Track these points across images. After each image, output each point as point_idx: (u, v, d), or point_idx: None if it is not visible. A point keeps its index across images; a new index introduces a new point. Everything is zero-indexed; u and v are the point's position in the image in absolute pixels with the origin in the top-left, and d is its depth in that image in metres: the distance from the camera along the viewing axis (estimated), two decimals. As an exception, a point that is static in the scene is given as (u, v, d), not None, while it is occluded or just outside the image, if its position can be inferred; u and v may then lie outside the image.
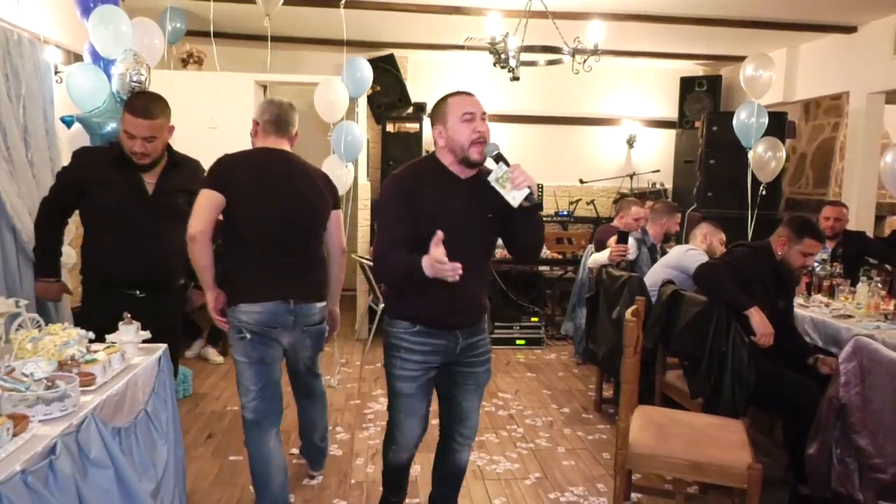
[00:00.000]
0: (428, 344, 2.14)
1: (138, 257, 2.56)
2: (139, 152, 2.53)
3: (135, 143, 2.51)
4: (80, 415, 1.66)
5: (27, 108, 3.56)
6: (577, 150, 7.22)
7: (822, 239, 3.00)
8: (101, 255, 2.61)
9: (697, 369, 2.89)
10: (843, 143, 5.81)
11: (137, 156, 2.54)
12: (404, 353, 2.15)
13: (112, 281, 2.58)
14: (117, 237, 2.56)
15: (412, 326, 2.13)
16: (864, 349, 2.32)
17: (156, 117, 2.52)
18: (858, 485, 2.31)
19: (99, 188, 2.57)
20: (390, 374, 2.21)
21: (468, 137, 2.04)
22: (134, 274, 2.58)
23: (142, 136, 2.51)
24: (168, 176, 2.66)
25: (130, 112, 2.51)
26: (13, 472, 1.37)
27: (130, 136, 2.51)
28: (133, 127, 2.50)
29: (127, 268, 2.57)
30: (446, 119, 2.08)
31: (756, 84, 4.71)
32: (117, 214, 2.56)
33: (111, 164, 2.57)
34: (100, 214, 2.60)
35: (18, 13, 3.63)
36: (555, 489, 3.02)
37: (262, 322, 2.38)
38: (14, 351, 1.87)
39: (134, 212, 2.57)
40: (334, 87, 4.44)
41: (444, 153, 2.13)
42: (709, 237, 3.77)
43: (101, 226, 2.60)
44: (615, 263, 3.98)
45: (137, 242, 2.56)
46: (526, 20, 4.22)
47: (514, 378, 4.68)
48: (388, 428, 2.34)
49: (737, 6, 4.83)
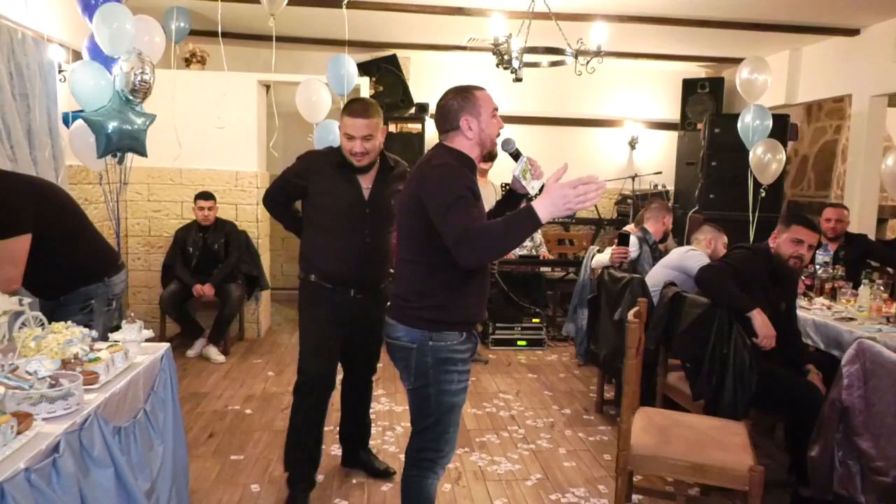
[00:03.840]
0: (469, 350, 2.11)
1: (356, 258, 2.69)
2: (359, 152, 2.61)
3: (354, 144, 2.60)
4: (83, 413, 1.67)
5: (31, 107, 3.56)
6: (579, 152, 7.21)
7: (811, 226, 2.99)
8: (321, 255, 2.73)
9: (699, 371, 2.89)
10: (845, 146, 5.80)
11: (357, 156, 2.62)
12: (461, 365, 2.06)
13: (330, 280, 2.72)
14: (336, 238, 2.70)
15: (461, 335, 2.05)
16: (867, 352, 2.32)
17: (372, 116, 2.61)
18: (860, 487, 2.31)
19: (322, 191, 2.71)
20: (446, 392, 2.05)
21: (496, 134, 2.08)
22: (349, 274, 2.70)
23: (361, 136, 2.59)
24: (382, 179, 2.75)
25: (349, 114, 2.60)
26: (17, 469, 1.37)
27: (350, 138, 2.60)
28: (353, 128, 2.59)
29: (344, 268, 2.69)
30: (479, 112, 2.03)
31: (752, 87, 4.72)
32: (336, 216, 2.70)
33: (333, 169, 2.69)
34: (321, 216, 2.73)
35: (24, 12, 3.63)
36: (556, 490, 3.02)
37: None
38: (17, 349, 1.88)
39: (352, 214, 2.69)
40: (315, 87, 4.42)
41: (471, 147, 2.06)
42: (713, 241, 3.78)
43: (323, 226, 2.73)
44: (617, 265, 3.98)
45: (354, 244, 2.68)
46: (529, 21, 4.21)
47: (516, 379, 4.67)
48: (430, 454, 2.12)
49: (739, 8, 4.83)
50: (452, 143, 2.06)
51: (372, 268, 2.74)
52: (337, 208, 2.68)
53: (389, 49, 6.42)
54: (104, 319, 2.61)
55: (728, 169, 5.63)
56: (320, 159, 2.76)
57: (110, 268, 2.70)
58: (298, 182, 2.75)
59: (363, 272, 2.71)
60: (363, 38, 5.92)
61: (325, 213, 2.70)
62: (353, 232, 2.67)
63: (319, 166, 2.71)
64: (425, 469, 2.14)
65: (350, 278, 2.70)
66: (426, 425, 2.10)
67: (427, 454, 2.12)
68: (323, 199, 2.70)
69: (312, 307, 2.77)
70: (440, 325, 2.02)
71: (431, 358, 2.02)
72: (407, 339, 2.05)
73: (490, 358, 5.16)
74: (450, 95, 2.08)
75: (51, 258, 2.45)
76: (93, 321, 2.48)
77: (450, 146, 2.07)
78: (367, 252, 2.69)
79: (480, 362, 4.99)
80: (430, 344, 2.02)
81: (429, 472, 2.14)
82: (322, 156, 2.80)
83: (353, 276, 2.70)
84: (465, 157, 2.05)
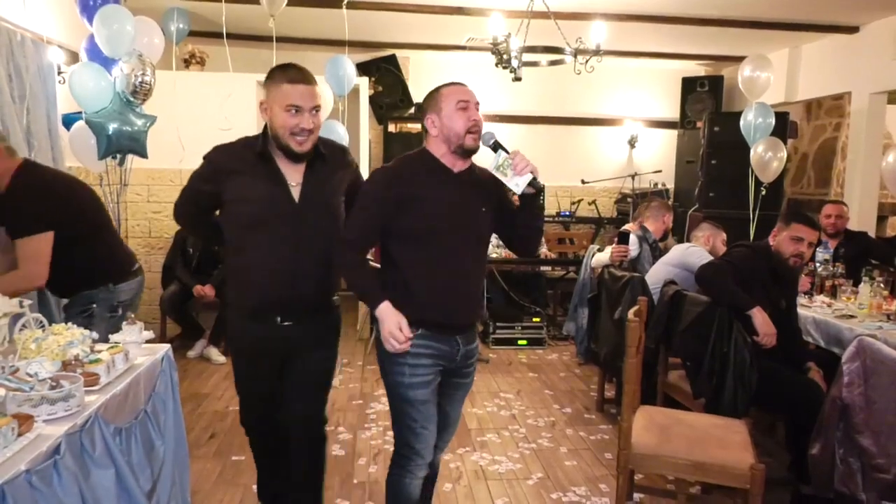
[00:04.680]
0: (432, 347, 2.06)
1: (285, 278, 2.14)
2: (308, 129, 2.07)
3: (302, 118, 2.06)
4: (84, 415, 1.67)
5: (30, 109, 3.57)
6: (578, 151, 7.22)
7: (811, 224, 2.99)
8: (241, 279, 2.21)
9: (700, 370, 2.89)
10: (844, 144, 5.81)
11: (304, 136, 2.07)
12: (411, 358, 2.03)
13: (252, 309, 2.19)
14: (257, 254, 2.14)
15: (415, 330, 2.02)
16: (868, 349, 2.32)
17: (315, 83, 2.12)
18: (861, 485, 2.31)
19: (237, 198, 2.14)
20: (398, 385, 2.06)
21: (464, 126, 2.01)
22: (275, 298, 2.16)
23: (310, 107, 2.08)
24: (315, 170, 2.18)
25: (290, 81, 2.06)
26: (18, 471, 1.37)
27: (297, 111, 2.05)
28: (300, 97, 2.05)
29: (269, 292, 2.16)
30: (440, 108, 2.03)
31: (754, 85, 4.72)
32: (257, 227, 2.13)
33: (252, 166, 2.13)
34: (237, 230, 2.18)
35: (23, 14, 3.63)
36: (557, 489, 3.02)
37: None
38: (18, 351, 1.88)
39: (278, 223, 2.12)
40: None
41: (437, 143, 2.07)
42: (712, 238, 3.78)
43: (240, 241, 2.18)
44: (617, 263, 3.98)
45: (280, 260, 2.13)
46: (528, 20, 4.22)
47: (516, 378, 4.68)
48: (401, 448, 2.13)
49: (739, 6, 4.83)
50: (427, 144, 2.10)
51: (306, 286, 2.15)
52: (258, 217, 2.11)
53: (389, 49, 6.42)
54: (106, 325, 2.55)
55: (728, 167, 5.63)
56: (234, 156, 2.16)
57: (119, 274, 2.67)
58: (208, 189, 2.16)
59: (293, 293, 2.14)
60: (363, 38, 5.92)
61: (243, 227, 2.14)
62: (279, 244, 2.11)
63: (233, 165, 2.13)
64: (401, 467, 2.14)
65: (276, 302, 2.16)
66: (393, 423, 2.15)
67: (401, 450, 2.14)
68: (239, 209, 2.13)
69: (235, 345, 2.38)
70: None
71: (383, 350, 2.07)
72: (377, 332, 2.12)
73: (491, 357, 5.16)
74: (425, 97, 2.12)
75: (57, 258, 2.45)
76: (92, 325, 2.42)
77: (423, 147, 2.12)
78: (298, 267, 2.13)
79: (482, 361, 4.99)
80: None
81: (404, 469, 2.14)
82: (236, 151, 2.18)
83: (280, 300, 2.15)
84: (427, 158, 2.08)
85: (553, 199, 6.93)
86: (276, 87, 2.08)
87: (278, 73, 2.11)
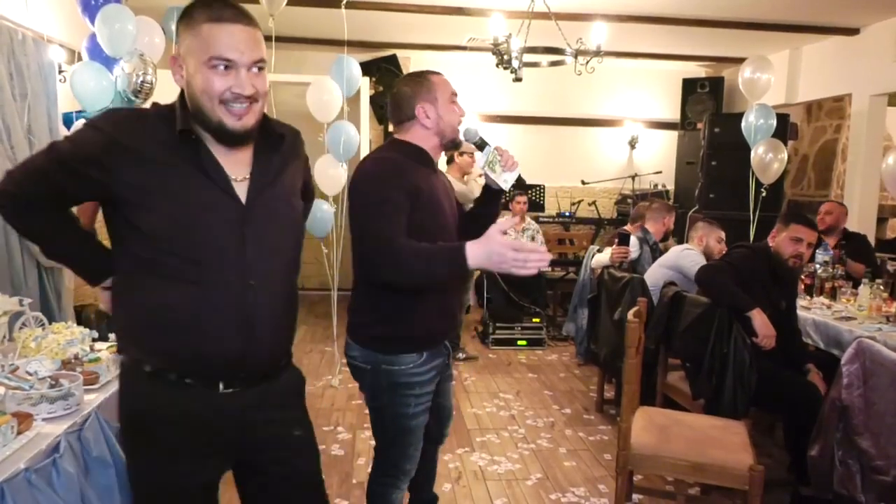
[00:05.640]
0: (434, 368, 1.91)
1: (230, 320, 1.37)
2: (248, 95, 1.33)
3: (238, 77, 1.32)
4: (83, 413, 1.67)
5: (31, 107, 3.57)
6: (579, 152, 7.22)
7: (810, 225, 3.00)
8: (159, 320, 1.37)
9: (699, 370, 2.89)
10: (845, 145, 5.81)
11: (240, 106, 1.33)
12: (418, 388, 1.86)
13: (183, 366, 1.39)
14: (186, 284, 1.35)
15: (419, 357, 1.84)
16: (867, 351, 2.32)
17: (257, 26, 1.38)
18: (860, 487, 2.31)
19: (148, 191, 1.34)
20: (400, 416, 1.88)
21: (457, 120, 1.89)
22: (219, 351, 1.38)
23: (250, 61, 1.33)
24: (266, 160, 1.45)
25: (214, 20, 1.31)
26: (17, 470, 1.37)
27: (228, 66, 1.31)
28: (232, 44, 1.31)
29: (208, 341, 1.37)
30: (435, 97, 1.85)
31: (754, 86, 4.72)
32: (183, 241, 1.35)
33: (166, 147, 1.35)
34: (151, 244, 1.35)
35: (24, 12, 3.64)
36: (556, 490, 3.02)
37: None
38: (18, 349, 1.88)
39: (215, 235, 1.36)
40: (326, 86, 4.42)
41: (427, 136, 1.87)
42: (705, 238, 3.77)
43: (156, 265, 1.35)
44: (617, 264, 3.99)
45: (223, 293, 1.36)
46: (528, 21, 4.22)
47: (516, 379, 4.68)
48: (389, 469, 2.01)
49: (739, 8, 4.83)
50: (406, 135, 1.89)
51: (262, 333, 1.40)
52: (184, 231, 1.33)
53: (389, 49, 6.42)
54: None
55: (728, 168, 5.63)
56: (140, 132, 1.35)
57: None
58: (88, 172, 1.32)
59: (245, 344, 1.38)
60: (363, 38, 5.92)
61: (157, 246, 1.33)
62: (219, 270, 1.35)
63: (139, 145, 1.33)
64: (388, 485, 2.04)
65: (220, 358, 1.38)
66: (384, 446, 2.00)
67: (389, 470, 2.01)
68: (149, 218, 1.32)
69: (135, 426, 1.43)
70: (393, 343, 1.82)
71: (385, 381, 1.84)
72: (361, 359, 1.87)
73: (490, 357, 5.16)
74: (402, 83, 1.90)
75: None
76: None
77: (401, 139, 1.89)
78: (250, 305, 1.38)
79: (471, 359, 5.03)
80: (383, 367, 1.80)
81: (391, 487, 2.04)
82: (144, 124, 1.37)
83: (227, 355, 1.38)
84: (416, 151, 1.87)
85: (553, 199, 6.93)
86: (194, 33, 1.32)
87: (198, 9, 1.33)
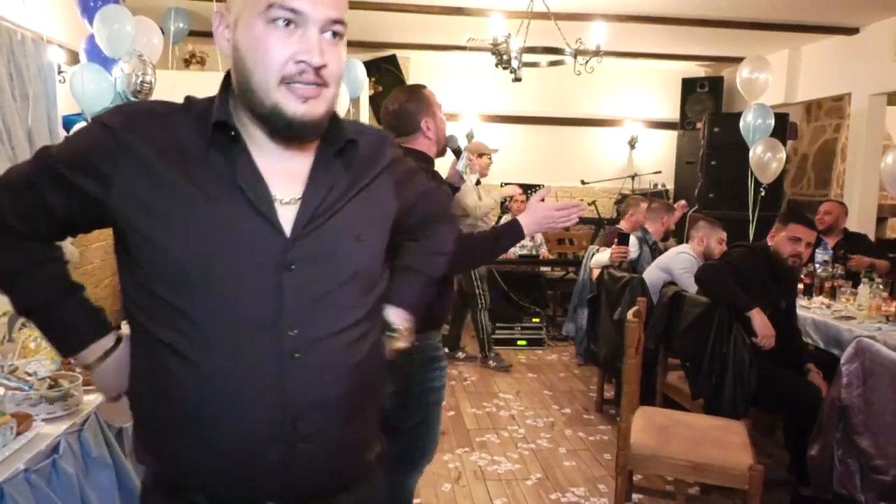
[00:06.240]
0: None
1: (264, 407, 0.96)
2: (317, 66, 0.93)
3: (308, 43, 0.93)
4: (83, 414, 1.67)
5: (31, 108, 3.57)
6: (578, 151, 7.22)
7: (808, 224, 3.00)
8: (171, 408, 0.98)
9: (699, 370, 2.89)
10: (844, 145, 5.81)
11: (311, 82, 0.93)
12: (442, 361, 2.05)
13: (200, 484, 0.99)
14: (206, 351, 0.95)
15: (438, 334, 2.07)
16: (867, 351, 2.32)
17: None
18: (860, 486, 2.31)
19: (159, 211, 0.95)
20: (431, 390, 2.02)
21: (445, 129, 2.10)
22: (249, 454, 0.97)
23: (324, 17, 0.93)
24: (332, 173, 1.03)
25: None
26: (17, 470, 1.37)
27: (293, 24, 0.93)
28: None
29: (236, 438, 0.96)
30: (433, 112, 2.06)
31: (752, 86, 4.72)
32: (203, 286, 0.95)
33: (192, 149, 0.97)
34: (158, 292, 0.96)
35: (23, 13, 3.64)
36: (556, 490, 3.02)
37: None
38: (17, 350, 1.88)
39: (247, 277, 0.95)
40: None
41: (430, 145, 2.07)
42: (705, 238, 3.76)
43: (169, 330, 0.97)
44: (617, 264, 3.99)
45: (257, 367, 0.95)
46: (528, 21, 4.22)
47: (516, 379, 4.68)
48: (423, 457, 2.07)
49: (738, 7, 4.83)
50: (412, 144, 2.04)
51: (307, 432, 0.97)
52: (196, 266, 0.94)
53: (389, 49, 6.42)
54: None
55: (727, 168, 5.63)
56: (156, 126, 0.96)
57: None
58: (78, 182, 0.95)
59: (285, 454, 0.96)
60: (363, 38, 5.93)
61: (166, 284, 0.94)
62: (249, 336, 0.95)
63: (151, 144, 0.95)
64: (410, 469, 2.09)
65: (254, 469, 0.96)
66: (412, 424, 2.04)
67: (415, 453, 2.06)
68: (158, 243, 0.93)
69: None
70: (427, 323, 1.92)
71: (417, 357, 1.94)
72: None
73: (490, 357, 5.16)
74: (403, 98, 2.07)
75: None
76: None
77: (411, 147, 2.03)
78: (292, 386, 0.95)
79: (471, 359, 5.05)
80: (416, 344, 1.48)
81: (413, 470, 2.11)
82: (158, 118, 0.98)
83: (263, 462, 0.96)
84: (425, 157, 2.04)
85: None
86: None
87: None
